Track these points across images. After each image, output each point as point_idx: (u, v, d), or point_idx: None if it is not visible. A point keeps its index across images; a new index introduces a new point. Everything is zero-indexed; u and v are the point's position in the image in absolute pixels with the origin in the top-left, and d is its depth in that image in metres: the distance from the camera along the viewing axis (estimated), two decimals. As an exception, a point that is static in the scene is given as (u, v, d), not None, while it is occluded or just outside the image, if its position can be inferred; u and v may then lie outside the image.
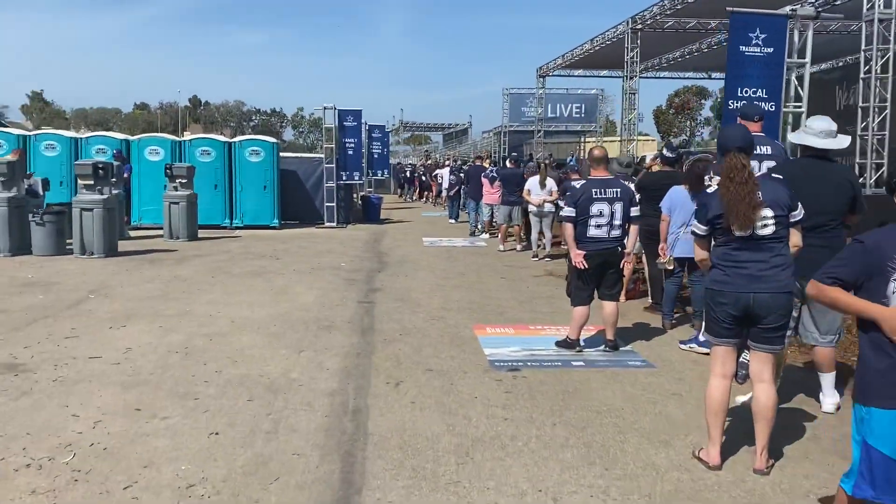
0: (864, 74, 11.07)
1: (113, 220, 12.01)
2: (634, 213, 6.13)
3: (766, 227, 3.80)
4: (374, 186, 28.34)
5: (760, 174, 3.83)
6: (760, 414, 3.93)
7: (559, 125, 39.49)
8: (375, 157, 25.22)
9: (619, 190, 6.04)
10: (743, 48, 7.68)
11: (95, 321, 7.24)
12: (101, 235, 11.57)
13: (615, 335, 6.43)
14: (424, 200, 30.75)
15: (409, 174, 33.93)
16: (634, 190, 7.28)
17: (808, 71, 7.88)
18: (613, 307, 6.31)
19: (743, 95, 7.71)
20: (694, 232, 4.04)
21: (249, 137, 18.89)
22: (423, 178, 32.54)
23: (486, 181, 14.73)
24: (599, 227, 5.98)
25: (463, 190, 19.64)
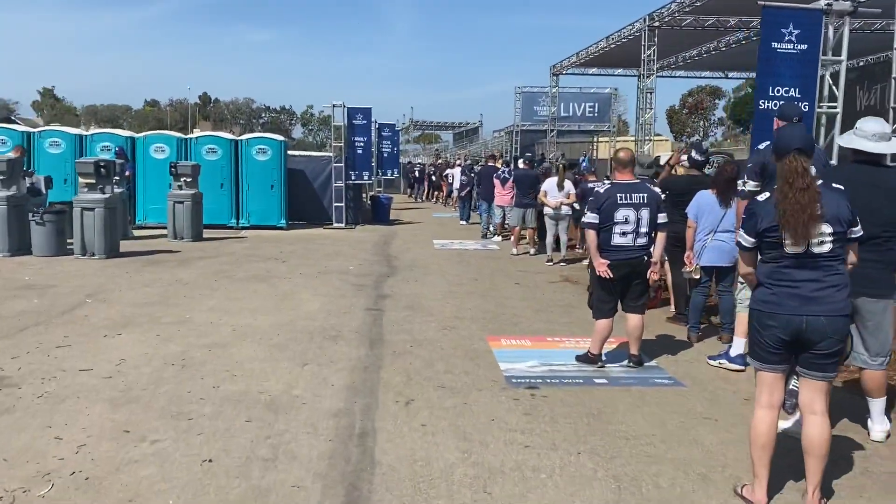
0: (896, 74, 10.58)
1: (114, 219, 11.67)
2: (662, 219, 5.72)
3: (822, 244, 3.38)
4: (383, 186, 27.96)
5: (821, 182, 3.40)
6: (812, 450, 3.52)
7: (572, 125, 39.02)
8: (385, 156, 24.82)
9: (645, 195, 5.62)
10: (775, 44, 7.26)
11: (90, 329, 6.88)
12: (102, 236, 11.24)
13: (640, 350, 6.02)
14: (435, 201, 30.35)
15: (417, 173, 33.52)
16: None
17: (843, 69, 7.46)
18: (639, 320, 5.90)
19: (775, 95, 7.27)
20: (739, 244, 3.62)
21: (256, 135, 18.53)
22: (432, 177, 32.14)
23: (498, 182, 14.31)
24: (625, 234, 5.57)
25: (475, 191, 19.23)
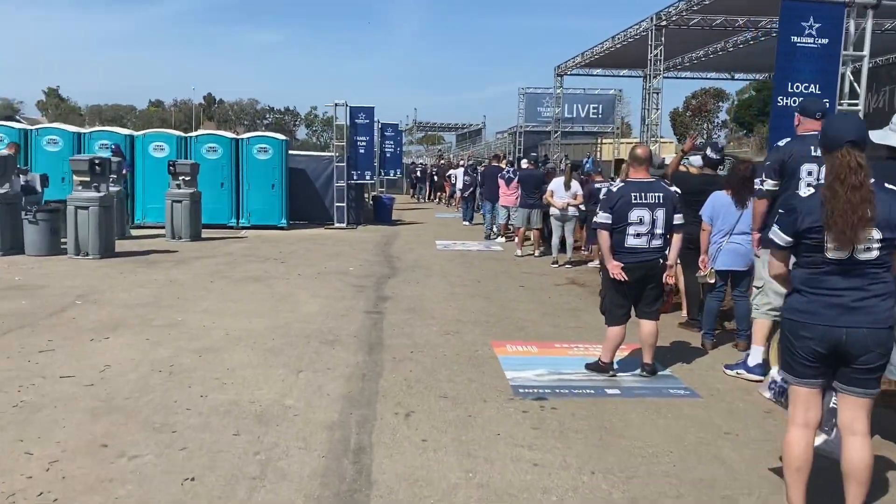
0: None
1: (109, 218, 11.37)
2: (678, 220, 5.40)
3: (869, 250, 3.04)
4: (385, 186, 27.67)
5: (874, 182, 3.06)
6: (854, 474, 3.20)
7: (576, 126, 38.71)
8: (388, 156, 24.55)
9: (661, 194, 5.30)
10: (795, 39, 6.94)
11: (77, 332, 6.58)
12: (96, 235, 10.95)
13: (653, 358, 5.70)
14: (438, 201, 30.04)
15: (419, 173, 33.20)
16: None
17: (865, 65, 7.14)
18: (653, 327, 5.58)
19: (794, 91, 6.96)
20: (772, 241, 3.27)
21: (257, 134, 18.25)
22: (434, 177, 31.83)
23: (502, 182, 13.99)
24: (639, 236, 5.25)
25: (478, 191, 18.90)
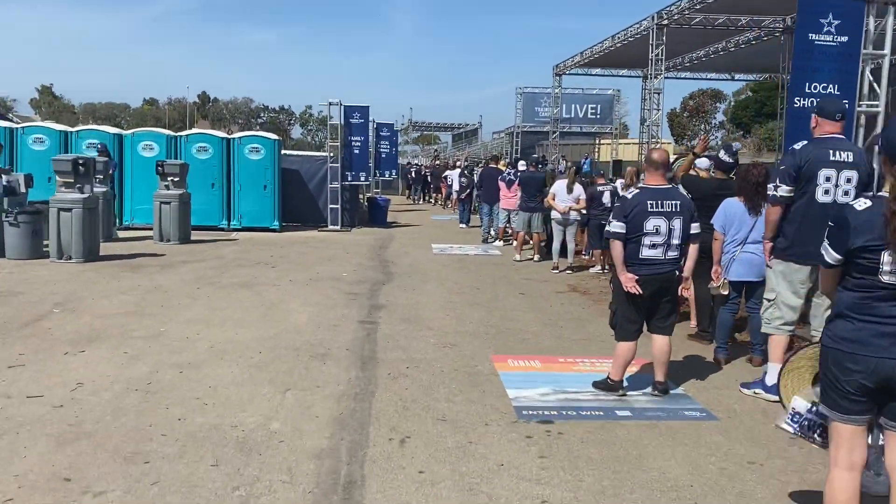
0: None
1: (94, 221, 10.97)
2: (695, 229, 5.04)
3: None
4: (381, 187, 27.25)
5: None
6: (908, 523, 2.84)
7: (573, 126, 38.41)
8: (383, 156, 24.12)
9: (678, 202, 4.94)
10: (812, 36, 6.58)
11: (51, 344, 6.18)
12: (79, 238, 10.54)
13: (666, 376, 5.33)
14: (434, 203, 29.64)
15: (414, 174, 32.81)
16: None
17: (886, 64, 6.80)
18: (666, 343, 5.21)
19: (811, 91, 6.60)
20: (822, 257, 2.90)
21: (249, 134, 17.83)
22: (427, 178, 31.44)
23: (503, 184, 13.61)
24: (654, 246, 4.88)
25: (475, 193, 18.52)
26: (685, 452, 4.28)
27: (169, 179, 13.72)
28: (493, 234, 15.31)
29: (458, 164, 27.77)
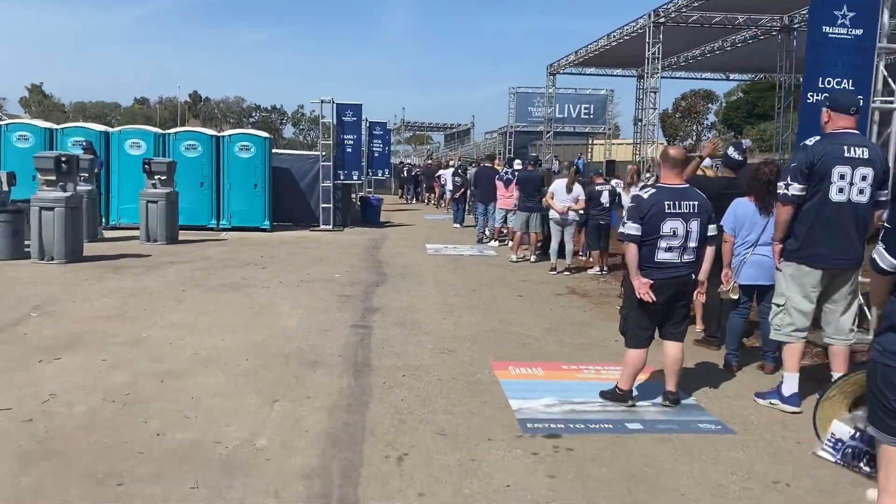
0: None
1: (77, 220, 10.59)
2: (712, 231, 4.75)
3: None
4: (373, 187, 26.90)
5: None
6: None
7: (566, 126, 38.18)
8: (376, 155, 23.78)
9: (696, 203, 4.64)
10: (826, 29, 6.29)
11: (25, 351, 5.83)
12: (62, 238, 10.17)
13: (677, 385, 5.03)
14: (426, 202, 29.31)
15: (406, 173, 32.48)
16: None
17: (903, 58, 6.53)
18: (679, 350, 4.92)
19: (825, 87, 6.30)
20: (874, 262, 2.59)
21: (239, 131, 17.48)
22: (418, 177, 31.12)
23: (500, 184, 13.30)
24: (670, 249, 4.58)
25: (470, 192, 18.19)
26: (703, 470, 3.98)
27: (156, 178, 13.35)
28: (488, 233, 15.01)
29: (451, 163, 27.47)
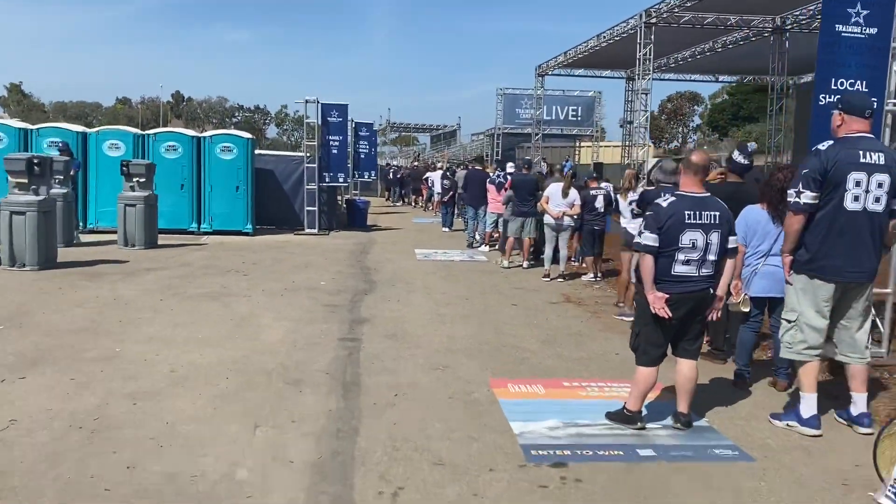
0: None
1: (51, 225, 10.13)
2: (732, 243, 4.42)
3: None
4: (360, 189, 26.47)
5: None
6: None
7: (554, 128, 38.00)
8: (362, 157, 23.34)
9: (717, 213, 4.31)
10: (839, 27, 6.01)
11: (-13, 369, 5.41)
12: (34, 243, 9.71)
13: (690, 406, 4.70)
14: (413, 205, 28.91)
15: (392, 175, 32.08)
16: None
17: (916, 59, 6.25)
18: (693, 368, 4.59)
19: (837, 88, 6.02)
20: None
21: (221, 132, 17.01)
22: (403, 179, 30.74)
23: (492, 187, 12.95)
24: (688, 262, 4.25)
25: (459, 196, 17.81)
26: (725, 503, 3.65)
27: (134, 180, 12.89)
28: (478, 238, 14.65)
29: (439, 165, 27.09)
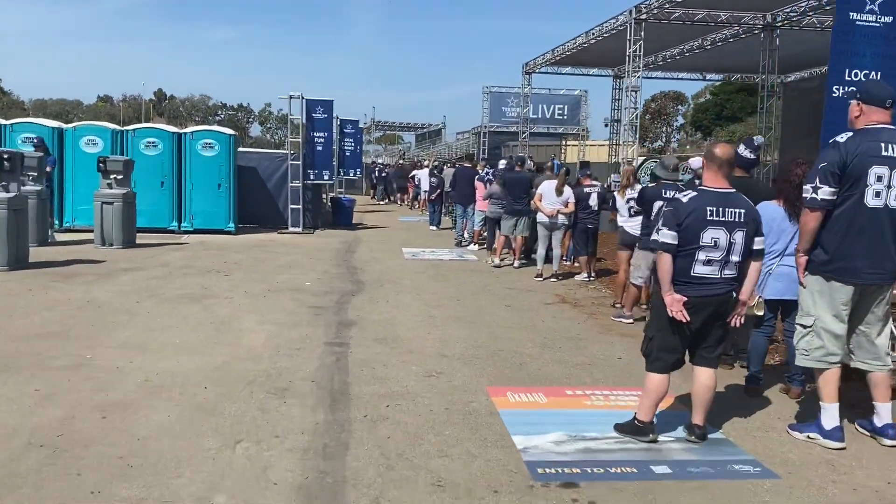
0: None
1: (22, 223, 9.66)
2: (758, 244, 4.07)
3: None
4: (345, 187, 26.05)
5: None
6: None
7: (540, 126, 37.69)
8: (347, 154, 22.95)
9: (742, 211, 3.97)
10: (854, 16, 5.73)
11: (-57, 379, 4.99)
12: (3, 243, 9.24)
13: (706, 418, 4.37)
14: (399, 203, 28.53)
15: (377, 173, 31.69)
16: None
17: (932, 49, 5.98)
18: (711, 378, 4.26)
19: (851, 79, 5.74)
20: None
21: (203, 128, 16.55)
22: (387, 177, 30.37)
23: (481, 185, 12.60)
24: (710, 263, 3.92)
25: (447, 193, 17.45)
26: (756, 530, 3.32)
27: (112, 177, 12.43)
28: (467, 236, 14.31)
29: (426, 163, 26.73)
